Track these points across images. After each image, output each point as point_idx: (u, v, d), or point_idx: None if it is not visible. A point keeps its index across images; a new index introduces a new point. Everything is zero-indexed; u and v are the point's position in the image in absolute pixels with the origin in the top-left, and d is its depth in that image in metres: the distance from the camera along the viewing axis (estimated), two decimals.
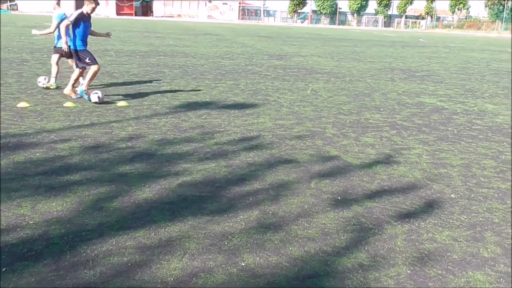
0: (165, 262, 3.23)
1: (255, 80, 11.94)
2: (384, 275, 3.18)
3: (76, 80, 8.52)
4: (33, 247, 3.36)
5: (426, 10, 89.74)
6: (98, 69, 8.32)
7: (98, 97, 8.13)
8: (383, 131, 7.16)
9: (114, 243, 3.46)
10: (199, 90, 10.12)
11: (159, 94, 9.33)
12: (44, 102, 8.15)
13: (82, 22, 8.10)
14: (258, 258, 3.32)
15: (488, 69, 17.42)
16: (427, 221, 4.04)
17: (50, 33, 9.39)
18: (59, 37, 8.97)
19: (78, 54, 8.21)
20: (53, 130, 6.37)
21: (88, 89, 8.43)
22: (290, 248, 3.48)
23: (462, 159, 5.91)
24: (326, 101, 9.39)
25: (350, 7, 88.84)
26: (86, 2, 8.13)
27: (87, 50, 8.30)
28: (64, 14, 8.83)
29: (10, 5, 67.73)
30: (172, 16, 72.35)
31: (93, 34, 8.74)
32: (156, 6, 73.44)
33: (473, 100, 10.31)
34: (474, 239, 3.76)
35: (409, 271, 3.25)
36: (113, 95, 9.05)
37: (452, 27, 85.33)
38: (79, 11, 8.11)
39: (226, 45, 23.70)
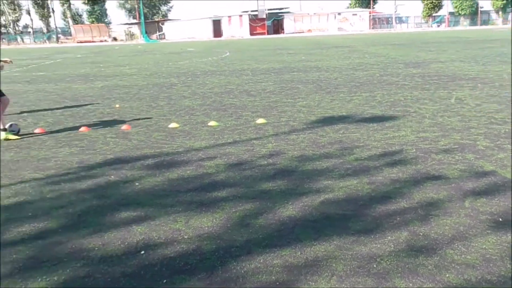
0: (313, 283, 3.19)
1: (392, 90, 11.51)
2: None
3: None
4: (188, 261, 3.54)
5: None
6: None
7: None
8: None
9: (261, 260, 3.51)
10: (334, 104, 10.04)
11: (295, 110, 9.45)
12: (191, 122, 8.73)
13: None
14: (411, 284, 3.12)
15: None
16: None
17: None
18: None
19: None
20: (201, 149, 6.77)
21: None
22: (447, 275, 3.21)
23: None
24: (474, 110, 8.68)
25: (493, 5, 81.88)
26: None
27: None
28: None
29: (159, 35, 74.50)
30: (303, 32, 73.35)
31: None
32: (287, 23, 75.13)
33: None
34: None
35: None
36: (252, 112, 9.37)
37: None
38: None
39: (358, 56, 23.32)
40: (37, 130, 8.30)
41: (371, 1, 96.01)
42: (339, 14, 78.69)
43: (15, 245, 3.87)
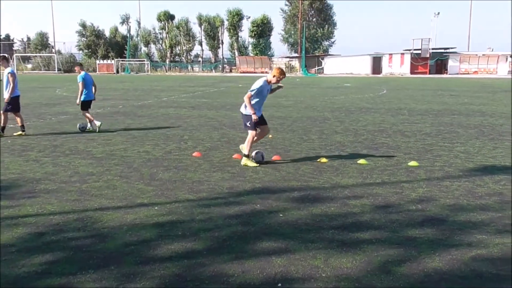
0: None
1: None
2: None
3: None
4: None
5: None
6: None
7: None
8: None
9: None
10: (497, 152, 9.20)
11: (452, 155, 8.87)
12: (340, 158, 8.72)
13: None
14: None
15: None
16: None
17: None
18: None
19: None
20: (347, 186, 6.72)
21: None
22: None
23: None
24: None
25: None
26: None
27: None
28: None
29: (317, 69, 76.27)
30: (468, 73, 68.69)
31: None
32: (451, 63, 71.17)
33: None
34: None
35: None
36: (405, 154, 9.04)
37: None
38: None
39: None
40: (194, 154, 9.04)
41: None
42: (511, 56, 72.07)
43: (163, 262, 4.23)
